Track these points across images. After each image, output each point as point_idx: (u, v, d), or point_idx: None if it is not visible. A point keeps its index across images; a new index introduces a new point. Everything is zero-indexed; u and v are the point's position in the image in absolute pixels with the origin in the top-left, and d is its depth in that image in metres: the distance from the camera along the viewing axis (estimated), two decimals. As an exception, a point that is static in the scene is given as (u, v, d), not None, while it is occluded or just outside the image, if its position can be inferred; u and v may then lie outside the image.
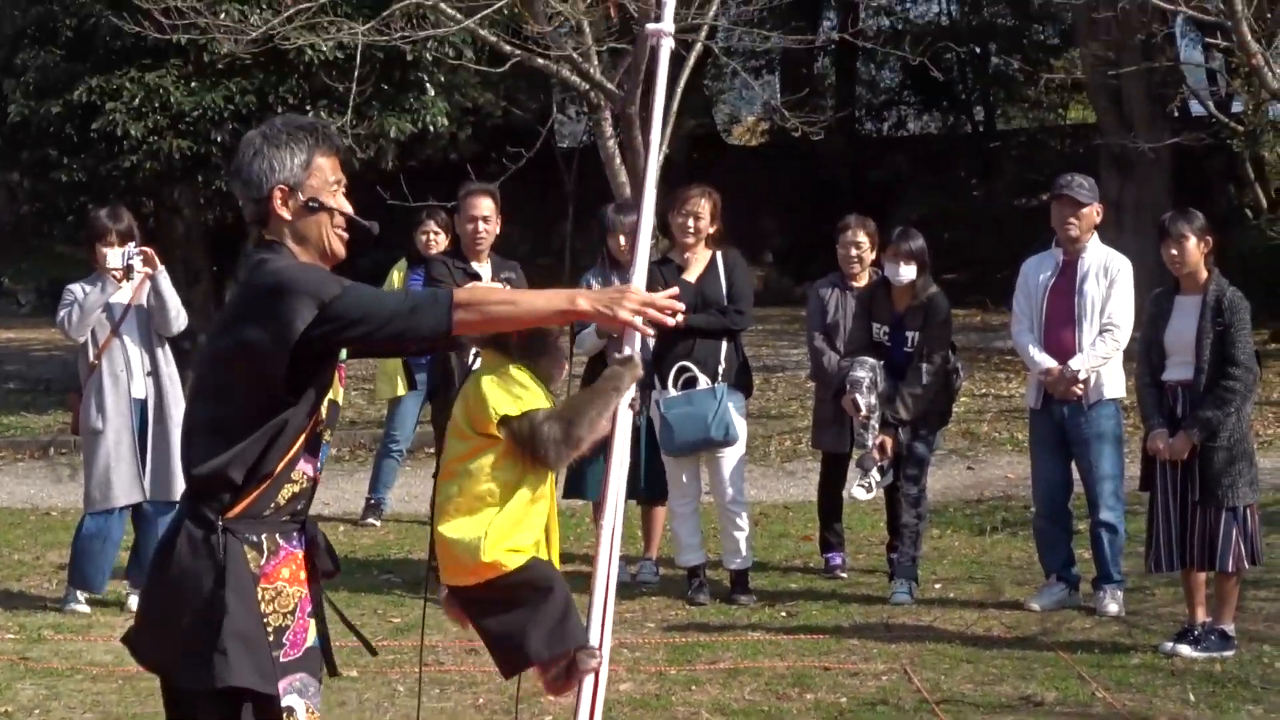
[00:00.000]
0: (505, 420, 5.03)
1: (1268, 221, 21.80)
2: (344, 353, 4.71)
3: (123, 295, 10.16)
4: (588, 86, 15.23)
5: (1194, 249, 8.91)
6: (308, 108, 17.39)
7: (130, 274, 10.07)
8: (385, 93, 17.89)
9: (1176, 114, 25.03)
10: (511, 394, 5.08)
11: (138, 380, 10.16)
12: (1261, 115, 20.63)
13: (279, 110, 17.32)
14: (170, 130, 17.39)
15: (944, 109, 37.31)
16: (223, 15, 15.73)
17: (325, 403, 4.61)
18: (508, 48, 15.18)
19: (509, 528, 5.07)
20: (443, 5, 14.89)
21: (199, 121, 17.41)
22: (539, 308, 4.67)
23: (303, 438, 4.53)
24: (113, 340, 10.13)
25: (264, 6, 16.48)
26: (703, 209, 10.30)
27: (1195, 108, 25.90)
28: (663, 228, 10.69)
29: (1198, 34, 23.88)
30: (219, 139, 17.43)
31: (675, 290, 5.09)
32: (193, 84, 17.50)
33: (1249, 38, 14.92)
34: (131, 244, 10.09)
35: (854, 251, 10.84)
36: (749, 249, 18.20)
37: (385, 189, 15.24)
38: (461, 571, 5.14)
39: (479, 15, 14.75)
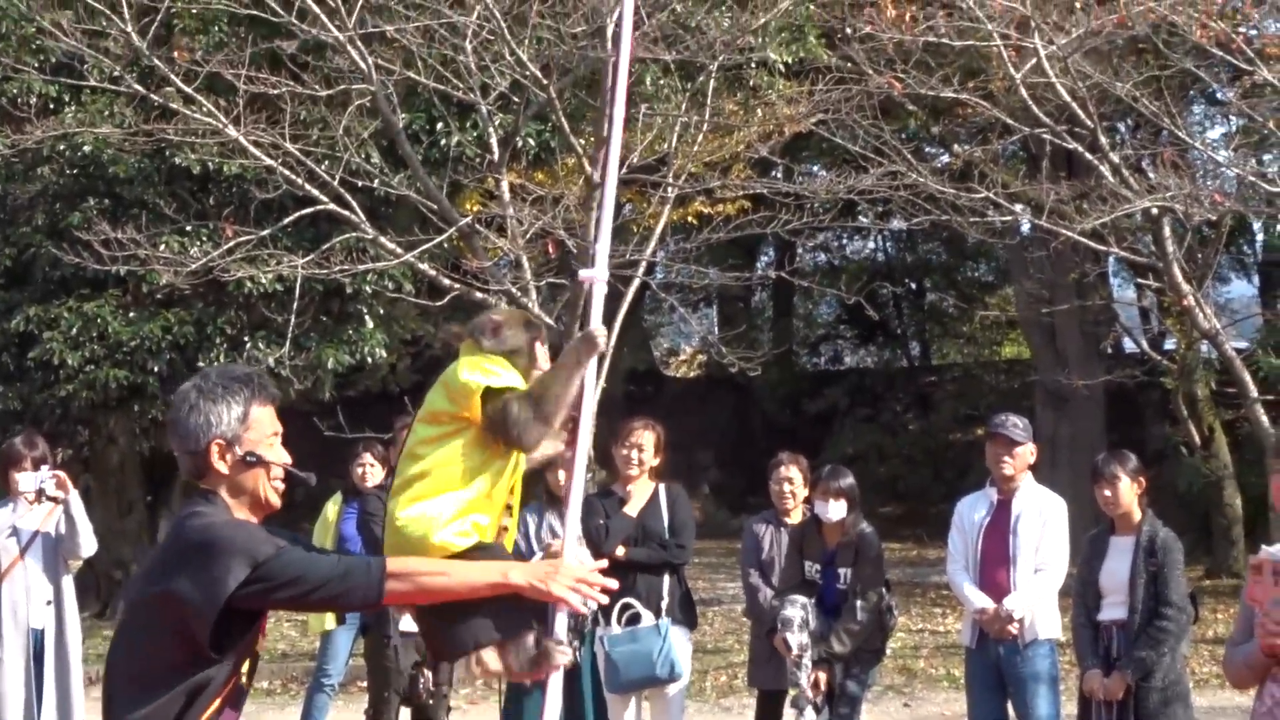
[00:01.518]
0: (488, 393, 5.08)
1: (1201, 459, 21.98)
2: None
3: (31, 521, 10.08)
4: (526, 320, 15.28)
5: (1127, 490, 8.99)
6: (246, 339, 17.43)
7: (43, 497, 9.99)
8: (324, 324, 17.95)
9: (1110, 351, 25.40)
10: (488, 372, 5.16)
11: (37, 608, 10.02)
12: (1194, 353, 20.92)
13: (217, 340, 17.37)
14: (107, 360, 17.37)
15: (880, 343, 37.71)
16: (162, 247, 15.81)
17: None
18: (447, 281, 15.28)
19: (462, 512, 5.06)
20: (383, 240, 15.02)
21: (136, 351, 17.40)
22: (472, 580, 4.69)
23: (225, 693, 4.45)
24: (16, 565, 10.02)
25: (204, 239, 16.58)
26: (646, 441, 10.29)
27: (1128, 345, 26.25)
28: (603, 460, 10.70)
29: (1130, 273, 24.27)
30: (156, 369, 17.41)
31: (604, 563, 5.15)
32: (131, 314, 17.52)
33: (1180, 279, 15.17)
34: (45, 467, 10.04)
35: (786, 488, 10.81)
36: (686, 481, 18.22)
37: (322, 420, 15.22)
38: (408, 554, 5.04)
39: (419, 250, 14.88)
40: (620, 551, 9.86)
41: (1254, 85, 15.62)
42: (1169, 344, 24.48)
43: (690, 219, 19.00)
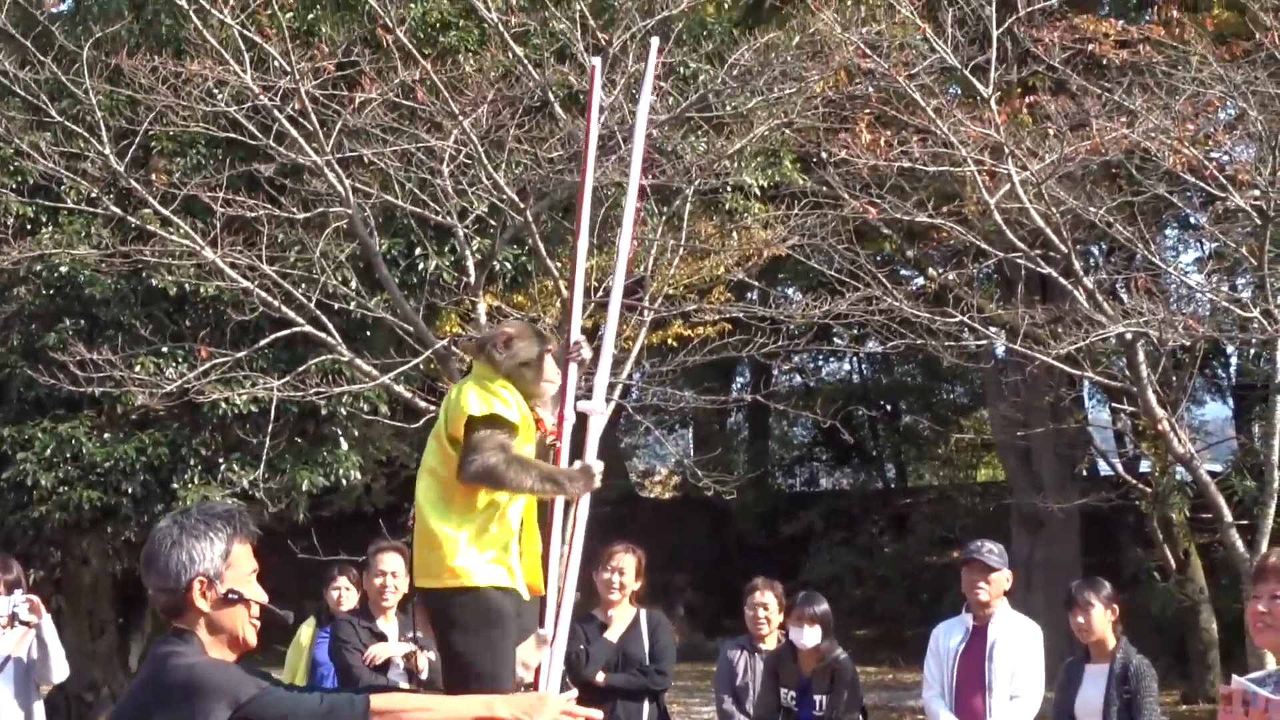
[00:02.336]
0: (470, 420, 5.37)
1: (1176, 583, 21.95)
2: None
3: (3, 646, 9.99)
4: (500, 442, 15.26)
5: (1100, 617, 8.98)
6: (220, 461, 17.37)
7: (15, 621, 9.90)
8: (298, 446, 17.89)
9: (1085, 474, 25.39)
10: (484, 398, 5.43)
11: None
12: (1169, 477, 20.91)
13: (191, 462, 17.29)
14: (80, 481, 17.27)
15: (856, 465, 37.66)
16: (138, 368, 15.81)
17: None
18: (423, 404, 15.27)
19: (474, 538, 5.37)
20: (359, 362, 15.03)
21: (110, 472, 17.32)
22: (458, 714, 4.69)
23: None
24: (-12, 690, 9.92)
25: (180, 360, 16.56)
26: (627, 565, 10.21)
27: (1103, 468, 26.26)
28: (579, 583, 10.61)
29: (1105, 396, 24.32)
30: (130, 490, 17.33)
31: (574, 693, 5.22)
32: (105, 435, 17.45)
33: (1154, 404, 15.19)
34: (18, 591, 9.96)
35: (761, 613, 10.76)
36: (662, 602, 18.11)
37: (296, 541, 15.15)
38: (430, 574, 5.40)
39: (395, 372, 14.89)
40: (600, 677, 9.81)
41: (1226, 210, 15.74)
42: (1144, 467, 24.46)
43: (671, 341, 19.04)
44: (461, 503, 5.43)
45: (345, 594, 12.02)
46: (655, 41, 6.94)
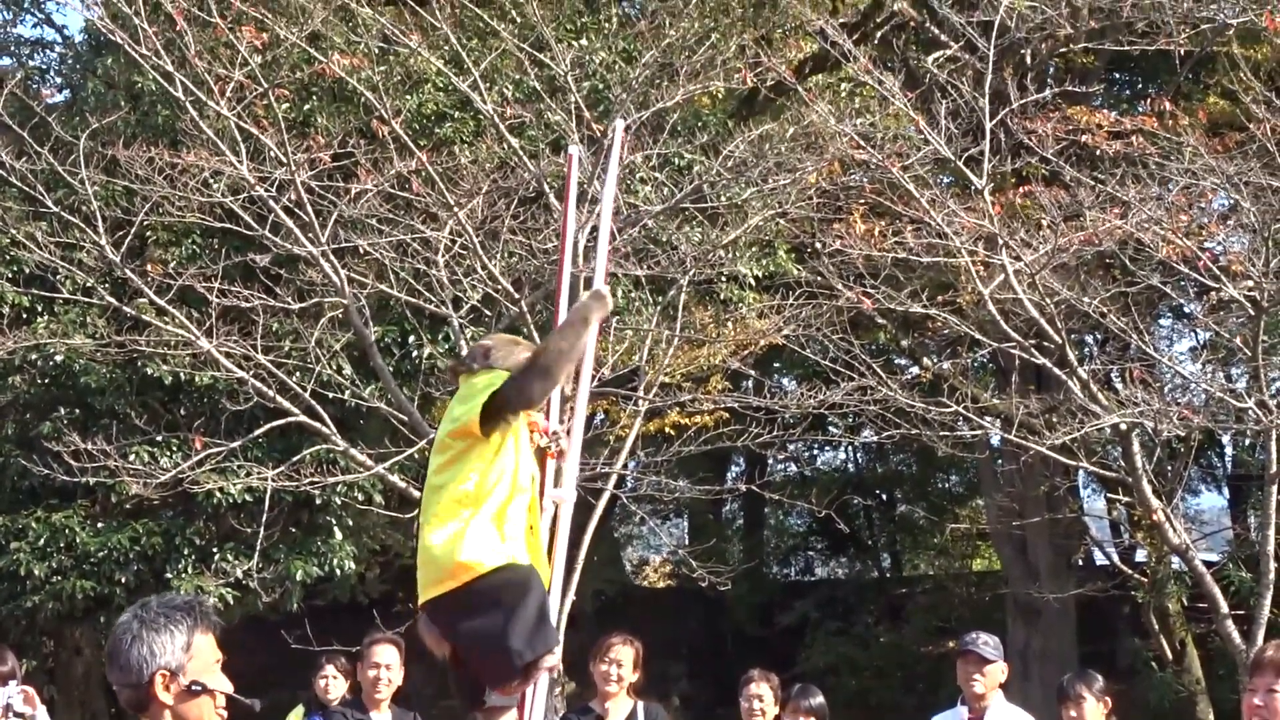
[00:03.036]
0: (491, 396, 5.46)
1: (1173, 673, 21.87)
2: None
3: (-3, 737, 9.92)
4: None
5: (1093, 710, 8.95)
6: (214, 550, 17.31)
7: (9, 713, 9.83)
8: (292, 535, 17.84)
9: (1081, 564, 25.34)
10: (479, 390, 5.56)
11: None
12: (1164, 567, 20.89)
13: (185, 552, 17.24)
14: (74, 570, 17.21)
15: (851, 555, 37.54)
16: (132, 458, 15.78)
17: None
18: (416, 494, 15.25)
19: (483, 528, 5.34)
20: (353, 451, 15.01)
21: (103, 562, 17.25)
22: None
23: None
24: (-23, 778, 9.84)
25: (174, 450, 16.54)
26: (625, 657, 10.13)
27: (1099, 557, 26.22)
28: (570, 670, 10.60)
29: (1100, 485, 24.30)
30: (123, 579, 17.26)
31: None
32: (99, 524, 17.41)
33: (1149, 494, 15.17)
34: (13, 683, 9.90)
35: (756, 705, 10.69)
36: (656, 692, 18.01)
37: (289, 630, 15.09)
38: (438, 579, 5.35)
39: (389, 463, 14.87)
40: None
41: (1220, 301, 15.78)
42: (1140, 556, 24.43)
43: (668, 429, 19.02)
44: (466, 506, 5.44)
45: (333, 682, 11.97)
46: (620, 124, 7.05)
